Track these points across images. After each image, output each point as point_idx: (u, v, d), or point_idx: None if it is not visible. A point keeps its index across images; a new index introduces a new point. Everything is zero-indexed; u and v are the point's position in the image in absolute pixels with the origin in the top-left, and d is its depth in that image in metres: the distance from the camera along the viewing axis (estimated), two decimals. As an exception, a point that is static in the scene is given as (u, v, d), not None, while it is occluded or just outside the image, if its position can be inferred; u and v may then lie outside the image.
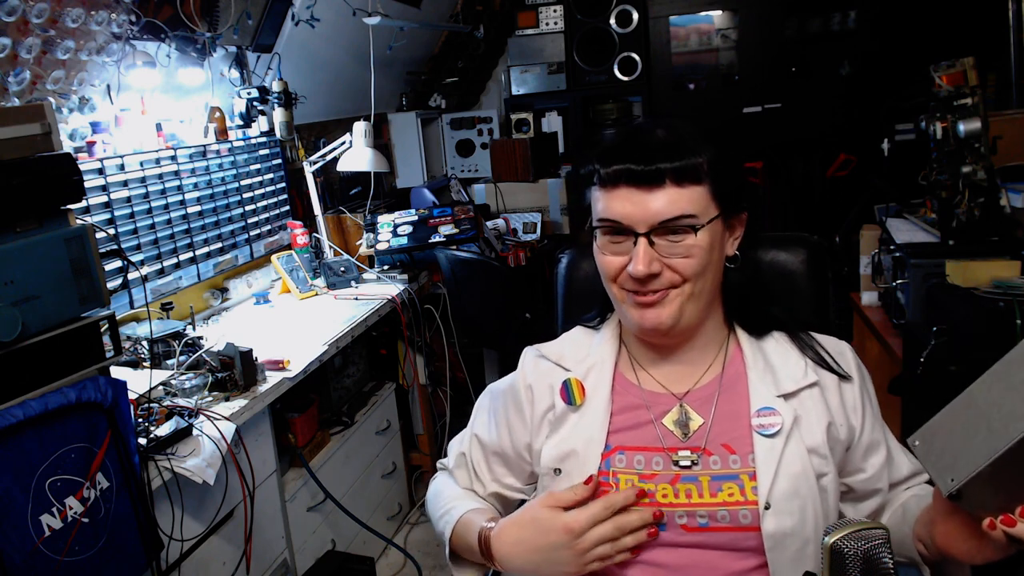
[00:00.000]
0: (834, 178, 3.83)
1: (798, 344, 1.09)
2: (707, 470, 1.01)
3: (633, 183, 0.98)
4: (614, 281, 1.04)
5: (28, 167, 1.32)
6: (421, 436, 3.11)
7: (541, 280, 3.28)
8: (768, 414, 1.02)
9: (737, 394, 1.05)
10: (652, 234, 0.98)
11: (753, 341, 1.09)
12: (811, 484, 0.99)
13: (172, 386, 1.87)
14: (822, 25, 3.90)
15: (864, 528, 0.82)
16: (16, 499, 1.24)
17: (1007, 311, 1.56)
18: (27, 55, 1.82)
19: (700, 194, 0.99)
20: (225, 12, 2.40)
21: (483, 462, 1.20)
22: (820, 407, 1.03)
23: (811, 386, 1.04)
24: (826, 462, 1.01)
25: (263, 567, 1.98)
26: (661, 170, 0.97)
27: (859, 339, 2.41)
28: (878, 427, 1.07)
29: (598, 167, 1.01)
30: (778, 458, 0.99)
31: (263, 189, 2.84)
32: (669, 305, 1.01)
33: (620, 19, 4.00)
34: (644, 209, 0.98)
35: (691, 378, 1.08)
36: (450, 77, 4.22)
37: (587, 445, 1.06)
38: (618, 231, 1.01)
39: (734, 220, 1.06)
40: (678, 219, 0.98)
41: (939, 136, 1.90)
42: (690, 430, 1.04)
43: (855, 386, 1.07)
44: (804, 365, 1.06)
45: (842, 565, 0.81)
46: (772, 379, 1.05)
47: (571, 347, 1.17)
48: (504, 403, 1.19)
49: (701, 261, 0.99)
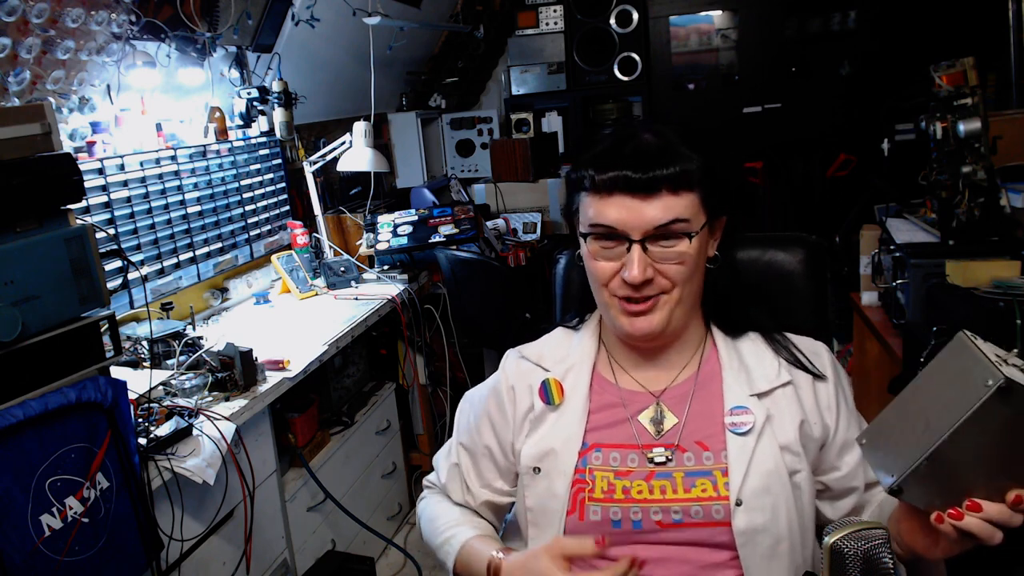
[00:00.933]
0: (834, 178, 3.83)
1: (773, 344, 1.11)
2: (681, 467, 1.03)
3: (628, 190, 0.98)
4: (605, 286, 1.04)
5: (28, 167, 1.32)
6: (421, 436, 3.11)
7: (541, 280, 3.27)
8: (741, 413, 1.04)
9: (711, 393, 1.07)
10: (646, 241, 0.99)
11: (729, 341, 1.11)
12: (783, 481, 1.00)
13: (172, 386, 1.87)
14: (822, 25, 3.91)
15: (864, 528, 0.82)
16: (16, 499, 1.24)
17: (1007, 311, 1.56)
18: (27, 55, 1.82)
19: (692, 201, 1.00)
20: (225, 12, 2.40)
21: (472, 469, 1.20)
22: (794, 406, 1.05)
23: (784, 385, 1.06)
24: (799, 459, 1.02)
25: (263, 567, 1.98)
26: (657, 177, 0.98)
27: (859, 339, 2.41)
28: (854, 426, 1.08)
29: (591, 173, 1.01)
30: (750, 455, 1.01)
31: (263, 189, 2.84)
32: (659, 312, 1.03)
33: (620, 19, 4.00)
34: (639, 216, 0.98)
35: (668, 377, 1.10)
36: (450, 77, 4.22)
37: (565, 443, 1.08)
38: (610, 237, 1.01)
39: (715, 222, 1.08)
40: (672, 225, 0.99)
41: (939, 136, 1.90)
42: (664, 428, 1.06)
43: (830, 385, 1.08)
44: (778, 365, 1.08)
45: (842, 565, 0.81)
46: (746, 378, 1.07)
47: (551, 348, 1.18)
48: (487, 405, 1.19)
49: (691, 267, 1.01)
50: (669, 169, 0.98)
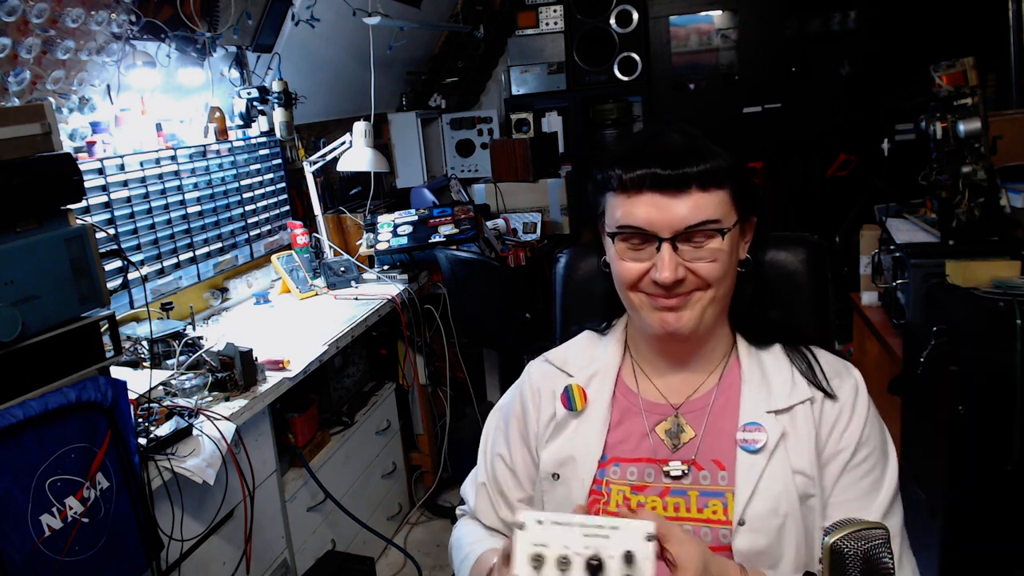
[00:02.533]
0: (834, 178, 3.83)
1: (796, 358, 1.06)
2: (696, 485, 1.01)
3: (658, 188, 0.96)
4: (632, 288, 1.01)
5: (28, 167, 1.32)
6: (421, 436, 3.11)
7: (541, 280, 3.27)
8: (753, 429, 1.00)
9: (730, 407, 1.04)
10: (676, 240, 0.96)
11: (753, 352, 1.08)
12: (793, 505, 0.96)
13: (172, 386, 1.87)
14: (822, 25, 3.91)
15: (864, 528, 0.82)
16: (16, 499, 1.24)
17: (1007, 311, 1.56)
18: (27, 55, 1.82)
19: (723, 198, 0.98)
20: (225, 12, 2.40)
21: (510, 477, 1.16)
22: (810, 425, 1.00)
23: (804, 402, 1.01)
24: (812, 483, 0.98)
25: (263, 567, 1.98)
26: (687, 174, 0.95)
27: (859, 339, 2.41)
28: (871, 461, 1.00)
29: (619, 172, 0.99)
30: (759, 475, 0.97)
31: (263, 189, 2.84)
32: (691, 308, 0.99)
33: (620, 19, 4.00)
34: (669, 214, 0.96)
35: (689, 387, 1.08)
36: (450, 77, 4.22)
37: (585, 452, 1.06)
38: (639, 237, 0.98)
39: (746, 224, 1.05)
40: (704, 224, 0.96)
41: (939, 136, 1.90)
42: (681, 441, 1.04)
43: (838, 405, 1.02)
44: (800, 381, 1.03)
45: (842, 565, 0.81)
46: (766, 393, 1.03)
47: (576, 353, 1.16)
48: (513, 409, 1.18)
49: (724, 265, 0.98)
50: (699, 166, 0.96)
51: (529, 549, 0.73)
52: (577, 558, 0.72)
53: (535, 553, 0.73)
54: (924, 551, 1.71)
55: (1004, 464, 1.56)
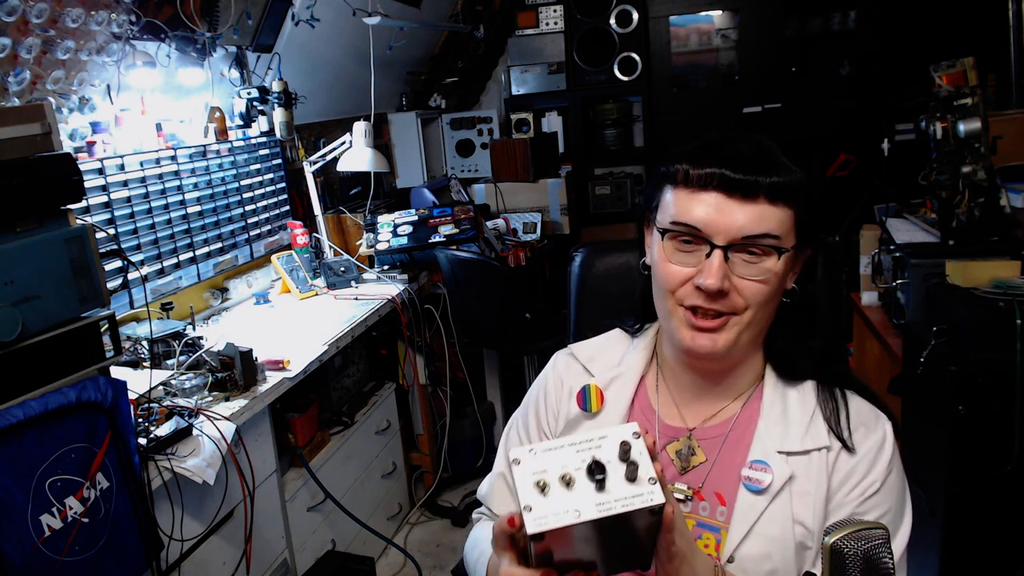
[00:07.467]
0: (834, 178, 3.83)
1: (827, 401, 0.99)
2: (694, 514, 0.98)
3: (725, 189, 0.91)
4: (672, 293, 0.96)
5: (28, 167, 1.32)
6: (421, 436, 3.11)
7: (541, 280, 3.28)
8: (760, 468, 0.95)
9: (745, 440, 0.99)
10: (729, 249, 0.91)
11: (779, 387, 1.01)
12: (787, 553, 0.92)
13: (172, 386, 1.87)
14: (822, 25, 3.91)
15: (864, 528, 0.82)
16: (16, 499, 1.24)
17: (1007, 311, 1.56)
18: (27, 55, 1.82)
19: (787, 216, 0.93)
20: (225, 12, 2.40)
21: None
22: (823, 476, 0.94)
23: (821, 450, 0.95)
24: (812, 536, 0.93)
25: (263, 567, 1.98)
26: (758, 183, 0.90)
27: (859, 339, 2.41)
28: (886, 518, 0.94)
29: (686, 166, 0.93)
30: (756, 517, 0.93)
31: (263, 189, 2.84)
32: (726, 333, 0.94)
33: (620, 19, 4.00)
34: (729, 219, 0.90)
35: (709, 411, 1.03)
36: (450, 77, 4.22)
37: None
38: (692, 239, 0.93)
39: (801, 253, 0.98)
40: (763, 236, 0.91)
41: (939, 136, 1.90)
42: (690, 464, 1.01)
43: (854, 459, 0.95)
44: (820, 426, 0.97)
45: (842, 565, 0.81)
46: (781, 432, 0.97)
47: (603, 351, 1.13)
48: (537, 399, 1.16)
49: (772, 289, 0.93)
50: (771, 177, 0.90)
51: (530, 479, 0.75)
52: (578, 472, 0.74)
53: (537, 480, 0.74)
54: (924, 551, 1.71)
55: (1004, 464, 1.56)
